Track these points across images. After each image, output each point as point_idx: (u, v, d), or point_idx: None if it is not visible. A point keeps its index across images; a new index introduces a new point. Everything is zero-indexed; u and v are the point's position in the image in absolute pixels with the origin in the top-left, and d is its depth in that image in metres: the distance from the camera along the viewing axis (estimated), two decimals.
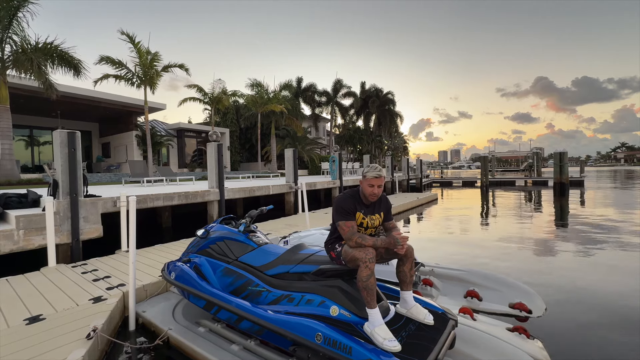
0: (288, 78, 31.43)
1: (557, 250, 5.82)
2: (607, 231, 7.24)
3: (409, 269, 2.21)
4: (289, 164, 10.34)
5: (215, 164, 7.49)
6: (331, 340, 1.84)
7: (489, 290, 3.37)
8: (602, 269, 4.70)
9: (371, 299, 1.95)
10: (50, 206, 4.41)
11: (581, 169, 30.20)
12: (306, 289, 2.26)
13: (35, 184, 10.69)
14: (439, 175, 39.84)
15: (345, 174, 15.79)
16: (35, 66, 10.32)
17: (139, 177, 10.96)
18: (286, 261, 2.47)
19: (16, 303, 3.10)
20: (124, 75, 14.89)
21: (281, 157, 25.18)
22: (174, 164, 21.30)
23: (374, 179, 2.16)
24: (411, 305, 2.18)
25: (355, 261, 2.03)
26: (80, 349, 2.26)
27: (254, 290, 2.48)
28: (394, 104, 34.41)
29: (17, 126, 16.32)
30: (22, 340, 2.41)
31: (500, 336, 2.33)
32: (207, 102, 20.71)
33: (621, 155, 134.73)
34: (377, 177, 2.16)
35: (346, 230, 2.11)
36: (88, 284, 3.60)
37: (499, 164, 52.67)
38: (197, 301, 2.66)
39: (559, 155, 17.33)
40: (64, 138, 4.75)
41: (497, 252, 5.79)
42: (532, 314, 3.05)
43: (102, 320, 2.67)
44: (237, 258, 2.72)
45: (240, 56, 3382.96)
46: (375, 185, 2.17)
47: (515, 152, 54.65)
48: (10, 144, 10.91)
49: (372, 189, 2.18)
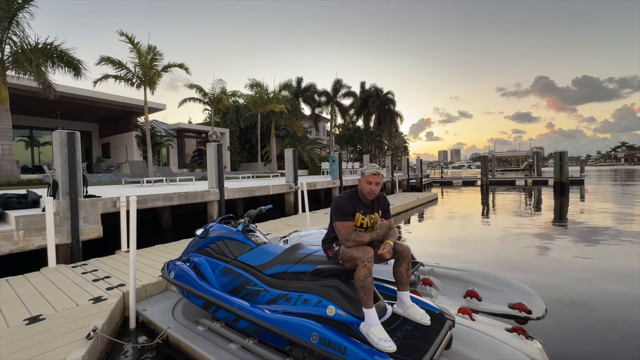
0: (288, 78, 31.38)
1: (557, 250, 5.81)
2: (607, 231, 7.24)
3: (405, 270, 2.21)
4: (289, 164, 10.34)
5: (215, 164, 7.50)
6: (326, 340, 1.85)
7: (488, 290, 3.37)
8: (603, 268, 4.69)
9: (368, 298, 1.95)
10: (50, 206, 4.42)
11: (581, 168, 30.21)
12: (303, 289, 2.26)
13: (35, 184, 10.69)
14: (439, 175, 39.83)
15: (345, 174, 15.78)
16: (34, 67, 10.33)
17: (139, 177, 10.97)
18: (284, 261, 2.48)
19: (16, 303, 3.11)
20: (123, 76, 14.89)
21: (281, 157, 25.18)
22: (174, 164, 21.31)
23: (372, 175, 2.18)
24: (408, 305, 2.18)
25: (353, 260, 2.03)
26: (80, 349, 2.27)
27: (252, 289, 2.49)
28: (393, 103, 34.40)
29: (17, 127, 16.33)
30: (22, 340, 2.41)
31: (498, 337, 2.32)
32: (207, 102, 20.71)
33: (621, 155, 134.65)
34: (374, 174, 2.18)
35: (343, 231, 2.12)
36: (88, 284, 3.61)
37: (499, 164, 52.67)
38: (196, 300, 2.67)
39: (559, 155, 17.33)
40: (64, 138, 4.76)
41: (497, 252, 5.79)
42: (532, 314, 3.04)
43: (102, 321, 2.67)
44: (235, 257, 2.73)
45: (240, 56, 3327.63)
46: (373, 183, 2.18)
47: (515, 152, 54.66)
48: (10, 145, 10.92)
49: (370, 186, 2.19)
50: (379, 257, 2.17)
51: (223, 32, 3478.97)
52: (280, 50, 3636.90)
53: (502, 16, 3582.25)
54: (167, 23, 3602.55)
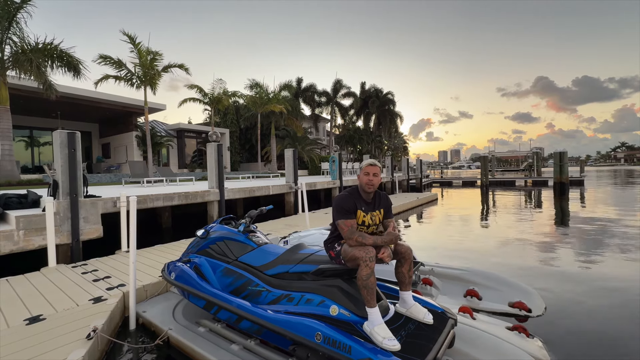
0: (288, 78, 31.44)
1: (557, 249, 5.81)
2: (607, 230, 7.24)
3: (407, 270, 2.21)
4: (288, 164, 10.34)
5: (215, 164, 7.50)
6: (331, 339, 1.85)
7: (488, 289, 3.37)
8: (602, 267, 4.70)
9: (371, 298, 1.95)
10: (51, 207, 4.42)
11: (581, 168, 30.21)
12: (306, 289, 2.26)
13: (35, 184, 10.69)
14: (439, 175, 39.83)
15: (345, 174, 15.78)
16: (34, 67, 10.33)
17: (139, 177, 10.96)
18: (286, 261, 2.48)
19: (16, 303, 3.10)
20: (124, 76, 14.90)
21: (281, 157, 25.19)
22: (174, 164, 21.31)
23: (369, 166, 2.20)
24: (410, 304, 2.18)
25: (355, 260, 2.02)
26: (80, 349, 2.27)
27: (254, 290, 2.48)
28: (393, 104, 34.43)
29: (17, 127, 16.33)
30: (22, 340, 2.41)
31: (499, 335, 2.33)
32: (207, 102, 20.72)
33: (621, 155, 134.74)
34: (371, 165, 2.20)
35: (345, 229, 2.11)
36: (88, 284, 3.60)
37: (499, 164, 52.69)
38: (197, 301, 2.66)
39: (559, 155, 17.33)
40: (64, 139, 4.76)
41: (496, 252, 5.79)
42: (531, 313, 3.05)
43: (102, 321, 2.67)
44: (236, 258, 2.73)
45: (240, 56, 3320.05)
46: (370, 173, 2.20)
47: (515, 152, 54.65)
48: (10, 145, 10.92)
49: (367, 177, 2.20)
50: (379, 259, 2.18)
51: (223, 32, 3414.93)
52: (280, 50, 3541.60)
53: (502, 16, 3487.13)
54: (167, 23, 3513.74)
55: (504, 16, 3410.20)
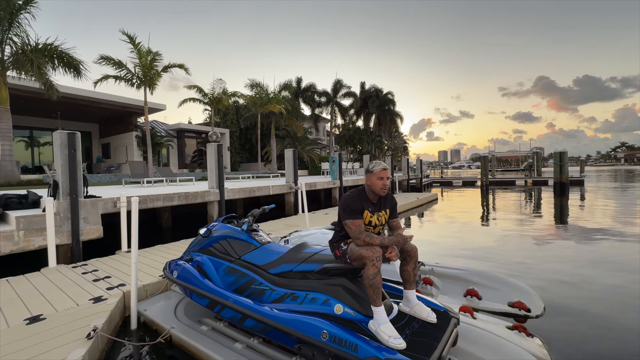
0: (288, 78, 31.36)
1: (557, 249, 5.82)
2: (607, 230, 7.23)
3: (412, 269, 2.22)
4: (289, 164, 10.34)
5: (215, 164, 7.49)
6: (337, 337, 1.86)
7: (488, 289, 3.37)
8: (601, 267, 4.70)
9: (377, 296, 1.96)
10: (51, 207, 4.41)
11: (581, 168, 30.22)
12: (310, 288, 2.26)
13: (35, 184, 10.68)
14: (439, 175, 39.83)
15: (345, 174, 15.78)
16: (35, 67, 10.33)
17: (139, 177, 10.96)
18: (290, 260, 2.47)
19: (16, 303, 3.10)
20: (123, 76, 14.90)
21: (281, 157, 25.18)
22: (174, 164, 21.30)
23: (383, 171, 2.22)
24: (414, 303, 2.19)
25: (361, 259, 2.03)
26: (81, 348, 2.26)
27: (257, 288, 2.47)
28: (393, 104, 34.42)
29: (17, 127, 16.32)
30: (23, 340, 2.41)
31: (500, 334, 2.33)
32: (207, 102, 20.71)
33: (621, 155, 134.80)
34: (385, 169, 2.23)
35: (353, 228, 2.12)
36: (88, 284, 3.60)
37: (499, 164, 52.73)
38: (200, 300, 2.65)
39: (559, 155, 17.33)
40: (64, 139, 4.75)
41: (496, 251, 5.79)
42: (530, 312, 3.05)
43: (103, 320, 2.66)
44: (239, 257, 2.72)
45: (240, 56, 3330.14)
46: (384, 178, 2.22)
47: (515, 152, 54.70)
48: (10, 145, 10.90)
49: (382, 182, 2.22)
50: (386, 258, 2.19)
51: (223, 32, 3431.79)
52: (280, 50, 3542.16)
53: (503, 16, 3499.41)
54: (167, 23, 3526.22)
55: (506, 16, 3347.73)
